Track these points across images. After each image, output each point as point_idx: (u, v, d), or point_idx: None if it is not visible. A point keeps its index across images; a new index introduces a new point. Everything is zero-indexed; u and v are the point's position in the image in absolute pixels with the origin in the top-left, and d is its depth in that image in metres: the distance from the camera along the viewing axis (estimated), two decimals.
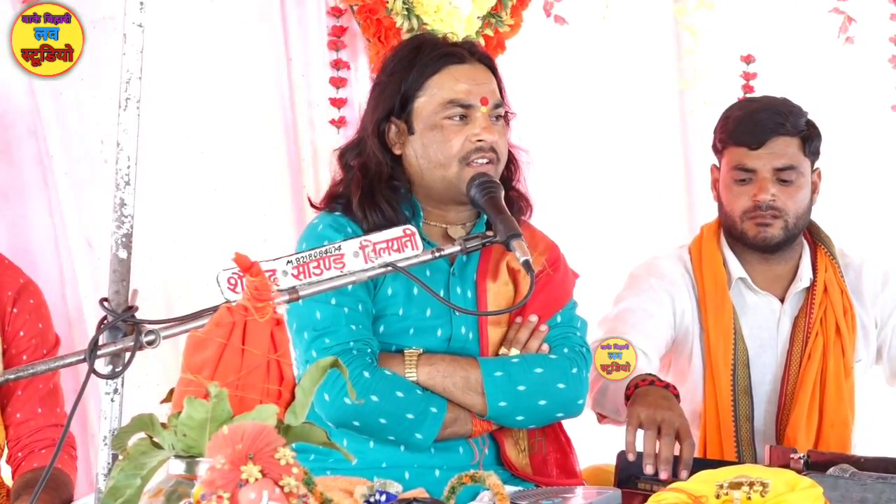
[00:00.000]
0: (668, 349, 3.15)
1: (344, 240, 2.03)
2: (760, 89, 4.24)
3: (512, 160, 2.72)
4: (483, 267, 2.66)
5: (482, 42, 3.83)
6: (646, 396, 2.65)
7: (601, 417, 2.97)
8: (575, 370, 2.63)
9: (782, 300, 3.15)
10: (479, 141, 2.57)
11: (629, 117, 4.26)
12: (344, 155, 2.70)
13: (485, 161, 2.58)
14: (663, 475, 2.50)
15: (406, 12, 3.69)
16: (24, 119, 3.32)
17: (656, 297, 3.11)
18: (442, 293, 2.60)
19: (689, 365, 3.15)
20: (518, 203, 2.68)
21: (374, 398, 2.52)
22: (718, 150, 3.16)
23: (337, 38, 3.74)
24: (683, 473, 2.50)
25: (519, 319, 2.66)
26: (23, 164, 3.34)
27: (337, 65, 3.74)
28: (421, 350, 2.60)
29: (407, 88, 2.61)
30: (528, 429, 2.65)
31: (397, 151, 2.65)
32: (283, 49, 3.72)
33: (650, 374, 2.75)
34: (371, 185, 2.62)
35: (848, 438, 3.10)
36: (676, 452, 2.54)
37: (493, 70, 2.68)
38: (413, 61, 2.62)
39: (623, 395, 2.73)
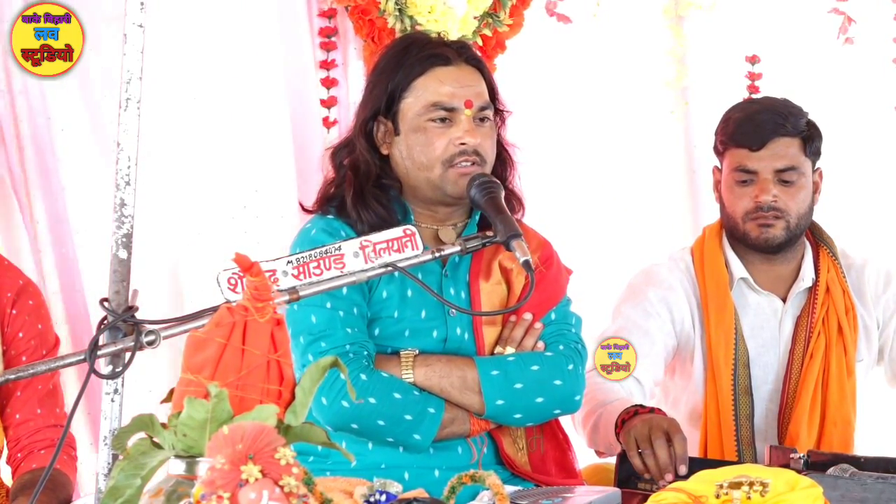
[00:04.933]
0: (672, 357, 3.16)
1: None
2: (762, 90, 4.25)
3: (507, 159, 2.72)
4: (475, 267, 2.66)
5: (480, 42, 3.83)
6: (632, 421, 2.68)
7: (599, 452, 2.98)
8: (571, 366, 2.63)
9: (784, 300, 3.15)
10: (462, 144, 2.58)
11: (631, 116, 4.26)
12: (336, 154, 2.71)
13: (468, 164, 2.58)
14: (669, 477, 2.52)
15: (398, 13, 3.68)
16: (37, 117, 3.34)
17: (653, 310, 3.12)
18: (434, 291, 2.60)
19: (691, 365, 3.15)
20: (510, 202, 2.66)
21: (372, 400, 2.52)
22: (720, 152, 3.17)
23: (328, 38, 3.74)
24: (682, 468, 2.54)
25: (513, 318, 2.66)
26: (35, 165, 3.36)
27: (327, 65, 3.74)
28: (417, 351, 2.60)
29: (393, 89, 2.62)
30: (526, 427, 2.66)
31: (384, 151, 2.66)
32: (275, 50, 3.72)
33: (634, 405, 2.76)
34: (361, 185, 2.62)
35: (850, 437, 3.10)
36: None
37: (482, 71, 2.68)
38: (400, 61, 2.63)
39: (613, 432, 2.74)
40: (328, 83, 3.74)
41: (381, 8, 3.68)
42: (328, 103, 3.74)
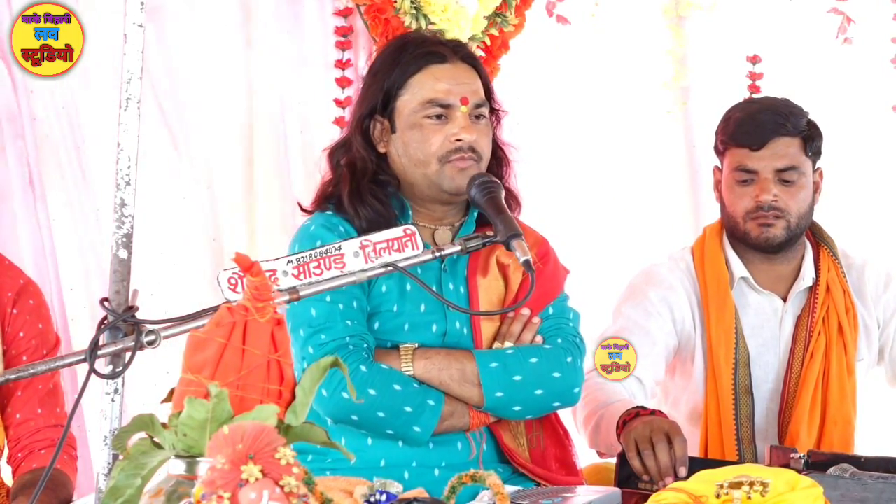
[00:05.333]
0: (673, 357, 3.16)
1: (339, 239, 2.04)
2: (762, 90, 4.25)
3: (503, 158, 2.73)
4: (473, 263, 2.67)
5: (488, 42, 3.84)
6: (633, 422, 2.68)
7: (600, 453, 2.99)
8: (569, 359, 2.64)
9: (785, 300, 3.16)
10: (458, 140, 2.59)
11: (631, 116, 4.27)
12: (333, 154, 2.72)
13: (464, 161, 2.59)
14: (668, 480, 2.52)
15: (414, 12, 3.69)
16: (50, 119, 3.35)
17: (654, 309, 3.12)
18: (434, 290, 2.61)
19: (692, 364, 3.15)
20: (507, 201, 2.65)
21: (372, 392, 2.53)
22: (720, 152, 3.17)
23: (343, 37, 3.74)
24: (681, 470, 2.55)
25: (511, 313, 2.66)
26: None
27: (342, 65, 3.74)
28: (416, 345, 2.61)
29: (389, 86, 2.64)
30: (526, 422, 2.66)
31: (381, 149, 2.67)
32: (289, 49, 3.72)
33: (635, 407, 2.76)
34: (357, 182, 2.63)
35: (851, 436, 3.11)
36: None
37: (478, 69, 2.70)
38: (397, 60, 2.65)
39: (615, 433, 2.74)
40: (343, 83, 3.75)
41: (397, 7, 3.69)
42: (344, 103, 3.74)
